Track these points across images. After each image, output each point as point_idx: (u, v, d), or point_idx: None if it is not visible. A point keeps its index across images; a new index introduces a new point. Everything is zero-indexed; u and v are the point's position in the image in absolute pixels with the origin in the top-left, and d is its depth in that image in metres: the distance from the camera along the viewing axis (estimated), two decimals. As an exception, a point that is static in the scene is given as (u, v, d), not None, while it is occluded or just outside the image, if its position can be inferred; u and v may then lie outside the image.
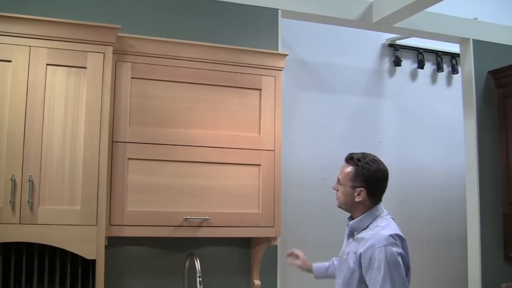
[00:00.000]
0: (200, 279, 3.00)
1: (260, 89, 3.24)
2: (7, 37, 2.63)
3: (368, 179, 2.55)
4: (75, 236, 2.65)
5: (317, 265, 3.01)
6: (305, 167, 4.20)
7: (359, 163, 2.56)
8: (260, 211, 3.15)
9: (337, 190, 2.64)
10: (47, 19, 2.71)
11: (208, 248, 3.38)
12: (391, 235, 2.43)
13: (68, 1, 3.23)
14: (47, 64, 2.69)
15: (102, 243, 2.70)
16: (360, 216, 2.57)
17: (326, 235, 4.15)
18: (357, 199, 2.55)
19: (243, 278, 3.45)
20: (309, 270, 3.03)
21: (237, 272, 3.44)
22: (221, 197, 3.09)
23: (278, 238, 3.27)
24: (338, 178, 2.63)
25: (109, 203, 2.84)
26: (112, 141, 2.88)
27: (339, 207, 2.66)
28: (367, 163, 2.56)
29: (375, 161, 2.59)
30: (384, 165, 2.60)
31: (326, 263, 2.99)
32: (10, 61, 2.63)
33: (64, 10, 3.14)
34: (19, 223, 2.57)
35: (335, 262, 2.90)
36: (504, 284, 4.06)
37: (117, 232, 2.88)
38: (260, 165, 3.18)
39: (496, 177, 4.16)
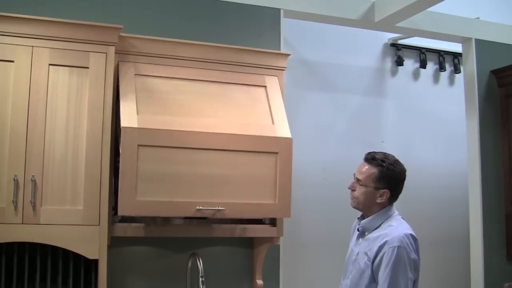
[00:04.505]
0: (203, 279, 2.99)
1: (265, 86, 3.22)
2: (9, 37, 2.64)
3: (393, 181, 2.52)
4: (78, 236, 2.65)
5: None
6: (307, 167, 4.19)
7: (383, 164, 2.51)
8: (277, 202, 3.02)
9: (353, 190, 2.60)
10: (49, 19, 2.71)
11: (210, 248, 3.38)
12: (406, 235, 2.41)
13: (70, 1, 3.23)
14: (50, 64, 2.69)
15: (105, 243, 2.70)
16: (373, 216, 2.54)
17: (328, 235, 4.16)
18: (378, 200, 2.52)
19: (246, 278, 3.45)
20: None
21: (239, 272, 3.44)
22: (236, 187, 2.94)
23: (281, 238, 3.26)
24: (357, 178, 2.58)
25: (108, 201, 2.83)
26: (121, 127, 2.75)
27: (356, 207, 2.61)
28: (392, 164, 2.52)
29: (397, 161, 2.56)
30: (403, 165, 2.57)
31: None
32: (13, 61, 2.64)
33: (66, 10, 3.14)
34: (22, 223, 2.58)
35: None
36: (507, 284, 4.05)
37: (119, 231, 2.88)
38: (277, 153, 3.03)
39: (499, 176, 4.15)
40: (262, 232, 3.20)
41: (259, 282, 3.39)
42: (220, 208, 2.88)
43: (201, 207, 2.86)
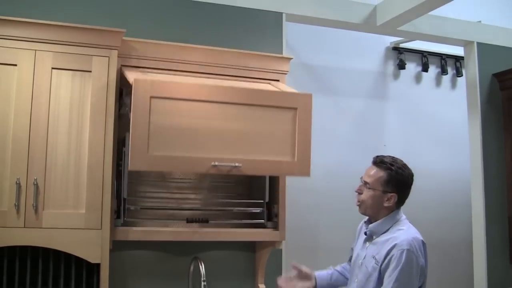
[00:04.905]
0: (205, 283, 2.98)
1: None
2: (12, 41, 2.64)
3: (401, 185, 2.52)
4: (80, 240, 2.65)
5: (320, 274, 2.84)
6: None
7: (392, 168, 2.51)
8: (296, 159, 2.87)
9: (360, 193, 2.60)
10: (52, 23, 2.72)
11: (212, 252, 3.37)
12: (415, 239, 2.42)
13: (73, 5, 3.24)
14: (52, 68, 2.69)
15: (107, 246, 2.70)
16: (381, 220, 2.54)
17: (331, 238, 4.16)
18: (386, 204, 2.52)
19: (248, 282, 3.44)
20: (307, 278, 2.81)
21: (241, 276, 3.44)
22: (253, 143, 2.80)
23: (283, 242, 3.26)
24: (364, 181, 2.57)
25: (111, 205, 2.83)
26: (132, 80, 2.62)
27: (363, 212, 2.61)
28: (400, 168, 2.52)
29: (405, 166, 2.56)
30: (411, 169, 2.57)
31: (327, 271, 2.88)
32: (16, 65, 2.64)
33: (69, 14, 3.14)
34: (24, 227, 2.57)
35: (338, 269, 2.87)
36: (510, 288, 4.05)
37: (121, 235, 2.88)
38: (296, 109, 2.87)
39: (501, 179, 4.15)
40: (264, 236, 3.20)
41: (261, 286, 3.39)
42: (237, 165, 2.74)
43: (217, 163, 2.71)
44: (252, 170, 2.83)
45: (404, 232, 2.46)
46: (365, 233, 2.61)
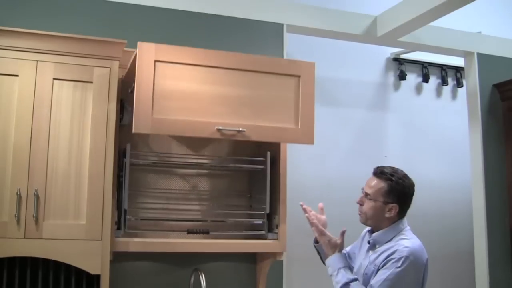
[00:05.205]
0: (206, 295, 2.98)
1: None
2: (14, 52, 2.65)
3: (402, 195, 2.52)
4: (80, 251, 2.64)
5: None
6: (311, 182, 4.18)
7: (393, 178, 2.52)
8: (299, 127, 2.92)
9: (362, 205, 2.60)
10: (54, 34, 2.72)
11: (213, 263, 3.36)
12: (417, 250, 2.42)
13: (74, 16, 3.25)
14: (54, 79, 2.70)
15: (107, 258, 2.69)
16: (385, 229, 2.53)
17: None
18: (387, 215, 2.52)
19: (249, 293, 3.43)
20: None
21: (242, 287, 3.42)
22: (256, 109, 2.84)
23: (284, 253, 3.25)
24: (365, 192, 2.58)
25: (111, 216, 2.82)
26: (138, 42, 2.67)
27: (365, 223, 2.61)
28: (401, 179, 2.52)
29: (406, 176, 2.56)
30: (412, 179, 2.57)
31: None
32: (17, 75, 2.64)
33: (70, 25, 3.15)
34: (24, 238, 2.57)
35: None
36: (513, 298, 4.03)
37: (122, 246, 2.87)
38: (299, 76, 2.93)
39: (503, 190, 4.14)
40: (265, 247, 3.19)
41: (262, 297, 3.38)
42: (241, 130, 2.79)
43: (221, 127, 2.75)
44: (256, 136, 2.85)
45: (407, 241, 2.45)
46: (368, 242, 2.60)
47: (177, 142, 3.29)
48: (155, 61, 2.67)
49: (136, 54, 2.67)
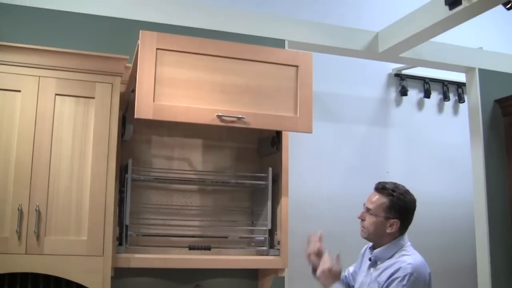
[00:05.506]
0: (207, 311, 2.97)
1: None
2: (16, 67, 2.66)
3: (403, 211, 2.52)
4: (81, 267, 2.63)
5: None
6: (312, 198, 4.17)
7: (394, 194, 2.52)
8: (298, 115, 2.95)
9: (363, 220, 2.59)
10: (56, 49, 2.74)
11: (214, 279, 3.35)
12: (420, 266, 2.41)
13: (76, 31, 3.27)
14: (56, 94, 2.71)
15: (108, 274, 2.68)
16: (386, 245, 2.53)
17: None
18: (388, 231, 2.52)
19: (251, 309, 3.41)
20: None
21: (244, 303, 3.41)
22: (256, 97, 2.88)
23: (286, 269, 3.23)
24: (367, 208, 2.58)
25: (113, 231, 2.82)
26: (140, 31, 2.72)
27: (366, 238, 2.61)
28: (402, 194, 2.53)
29: (407, 192, 2.56)
30: (413, 195, 2.57)
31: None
32: (20, 91, 2.66)
33: (73, 41, 3.17)
34: (25, 253, 2.56)
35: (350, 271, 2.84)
36: (516, 315, 4.00)
37: (123, 262, 2.86)
38: (297, 66, 2.98)
39: (505, 205, 4.12)
40: (266, 263, 3.18)
41: (264, 314, 3.36)
42: (241, 117, 2.81)
43: (221, 114, 2.78)
44: (256, 123, 2.87)
45: (409, 257, 2.45)
46: (370, 259, 2.59)
47: (178, 161, 3.31)
48: (157, 49, 2.72)
49: (138, 43, 2.70)
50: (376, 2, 4.55)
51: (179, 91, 2.74)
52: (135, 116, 2.64)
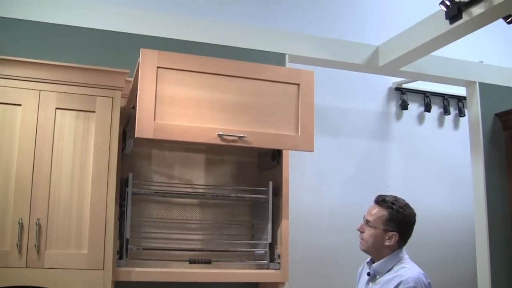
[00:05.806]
0: (207, 325, 2.95)
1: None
2: (17, 81, 2.67)
3: (402, 224, 2.53)
4: (82, 280, 2.62)
5: None
6: (313, 211, 4.17)
7: (393, 207, 2.53)
8: (299, 134, 2.90)
9: (362, 232, 2.60)
10: (57, 63, 2.75)
11: (215, 293, 3.34)
12: (420, 278, 2.41)
13: (77, 45, 3.29)
14: (56, 108, 2.72)
15: (109, 287, 2.67)
16: (385, 258, 2.53)
17: (336, 279, 4.11)
18: (387, 243, 2.52)
19: (251, 324, 3.40)
20: None
21: (244, 318, 3.39)
22: (257, 116, 2.85)
23: (286, 283, 3.22)
24: (366, 220, 2.59)
25: (113, 245, 2.81)
26: (140, 51, 2.69)
27: (365, 250, 2.61)
28: (401, 207, 2.54)
29: (407, 205, 2.57)
30: (413, 209, 2.58)
31: None
32: (20, 104, 2.66)
33: (73, 54, 3.18)
34: (26, 267, 2.56)
35: None
36: (517, 328, 3.98)
37: (124, 276, 2.85)
38: (298, 84, 2.94)
39: (505, 219, 4.11)
40: (267, 277, 3.16)
41: (265, 328, 3.34)
42: (242, 136, 2.77)
43: (222, 133, 2.74)
44: (257, 142, 2.84)
45: (408, 269, 2.45)
46: (368, 274, 2.59)
47: (179, 175, 3.31)
48: (158, 67, 2.69)
49: (139, 61, 2.69)
50: (376, 16, 4.58)
51: (180, 109, 2.71)
52: (136, 136, 2.63)
